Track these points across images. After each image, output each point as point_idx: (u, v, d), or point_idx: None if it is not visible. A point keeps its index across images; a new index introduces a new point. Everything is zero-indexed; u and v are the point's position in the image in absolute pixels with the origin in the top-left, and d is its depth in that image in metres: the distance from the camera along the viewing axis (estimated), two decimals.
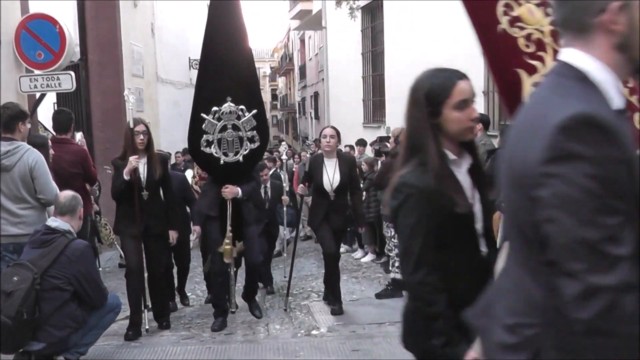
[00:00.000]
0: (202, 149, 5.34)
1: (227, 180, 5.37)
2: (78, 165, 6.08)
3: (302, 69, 33.38)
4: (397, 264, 6.91)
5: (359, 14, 13.36)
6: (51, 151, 5.70)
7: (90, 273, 4.31)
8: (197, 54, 21.32)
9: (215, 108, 5.30)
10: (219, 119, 5.32)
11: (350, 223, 6.61)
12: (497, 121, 7.84)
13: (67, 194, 4.45)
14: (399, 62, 10.73)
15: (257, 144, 5.44)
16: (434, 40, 9.07)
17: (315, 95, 26.82)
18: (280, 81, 51.15)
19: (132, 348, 5.01)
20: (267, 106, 60.81)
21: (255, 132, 5.40)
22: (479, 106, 7.86)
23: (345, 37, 15.23)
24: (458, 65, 7.19)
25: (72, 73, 7.52)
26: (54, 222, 4.32)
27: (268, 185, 7.61)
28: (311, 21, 21.64)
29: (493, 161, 6.15)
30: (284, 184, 7.63)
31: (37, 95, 7.74)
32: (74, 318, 4.21)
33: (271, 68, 53.45)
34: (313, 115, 27.96)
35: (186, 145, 8.45)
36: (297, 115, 38.53)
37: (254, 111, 5.40)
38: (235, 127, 5.36)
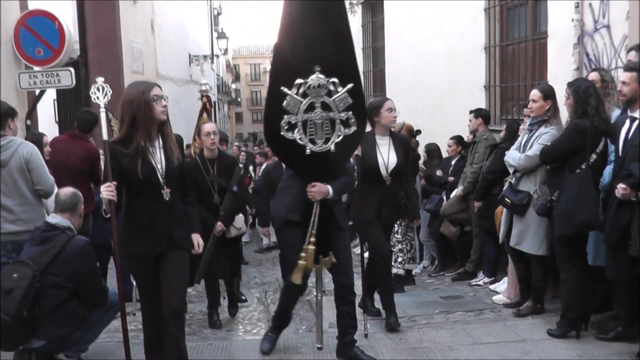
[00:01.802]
0: (282, 133, 3.96)
1: (314, 176, 4.13)
2: (87, 162, 6.20)
3: None
4: (399, 259, 6.90)
5: (359, 9, 13.29)
6: (47, 148, 5.72)
7: (91, 271, 4.30)
8: (196, 51, 21.27)
9: (299, 80, 3.92)
10: (304, 95, 3.95)
11: (405, 215, 5.62)
12: (498, 116, 7.80)
13: (68, 190, 4.44)
14: (399, 57, 10.68)
15: (352, 129, 4.04)
16: (434, 36, 9.03)
17: None
18: None
19: (133, 345, 4.97)
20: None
21: (350, 112, 4.02)
22: (480, 101, 7.82)
23: None
24: (458, 60, 7.25)
25: (72, 69, 7.50)
26: (54, 219, 4.30)
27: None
28: None
29: (496, 155, 6.15)
30: None
31: (37, 91, 7.72)
32: (74, 316, 4.20)
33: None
34: None
35: (189, 141, 8.43)
36: None
37: (350, 85, 3.97)
38: (326, 106, 3.99)
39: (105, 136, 3.71)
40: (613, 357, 4.26)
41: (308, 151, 4.01)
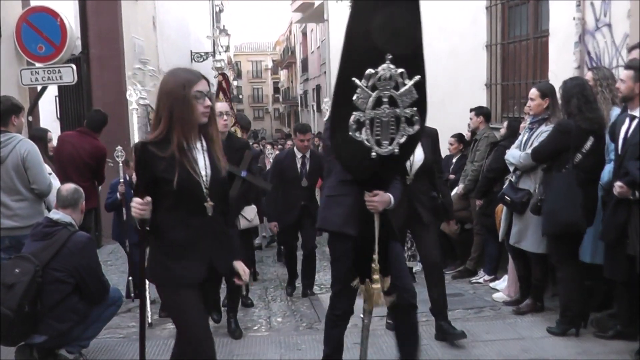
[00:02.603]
0: (350, 133, 3.28)
1: (376, 183, 3.51)
2: (94, 158, 6.30)
3: (304, 62, 33.33)
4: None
5: None
6: (51, 144, 5.74)
7: (92, 266, 4.31)
8: (198, 47, 21.23)
9: (370, 70, 3.27)
10: (373, 88, 3.30)
11: (444, 216, 5.17)
12: (499, 114, 7.80)
13: (70, 186, 4.45)
14: None
15: (416, 128, 3.42)
16: (436, 34, 9.03)
17: (318, 88, 26.78)
18: (282, 74, 51.13)
19: (134, 341, 5.01)
20: (269, 99, 60.94)
21: (415, 109, 3.40)
22: (481, 99, 7.83)
23: None
24: (460, 58, 7.23)
25: (73, 66, 7.52)
26: (55, 214, 4.32)
27: (307, 155, 6.65)
28: (313, 14, 21.58)
29: (496, 153, 6.15)
30: None
31: (39, 88, 7.74)
32: (75, 311, 4.22)
33: (273, 61, 53.35)
34: (315, 108, 27.90)
35: None
36: (299, 108, 38.47)
37: (417, 78, 3.37)
38: (392, 102, 3.35)
39: (135, 136, 3.54)
40: (612, 356, 4.27)
41: (374, 154, 3.34)
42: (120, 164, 6.67)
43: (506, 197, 5.22)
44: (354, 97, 3.25)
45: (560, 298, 4.84)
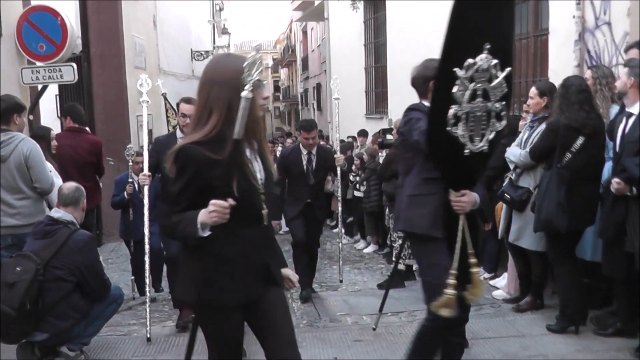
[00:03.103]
0: (448, 128, 3.02)
1: (465, 182, 3.27)
2: (94, 154, 6.26)
3: (305, 61, 33.30)
4: (400, 255, 6.92)
5: (361, 5, 13.31)
6: (54, 143, 5.75)
7: (93, 264, 4.32)
8: (199, 46, 21.21)
9: (469, 60, 3.02)
10: (470, 80, 3.04)
11: (482, 218, 4.78)
12: None
13: (71, 185, 4.47)
14: (401, 53, 10.69)
15: (503, 123, 3.19)
16: (436, 32, 9.04)
17: (318, 87, 26.76)
18: (283, 73, 51.07)
19: (135, 339, 5.03)
20: (270, 98, 60.83)
21: (504, 103, 3.18)
22: None
23: (347, 28, 15.18)
24: None
25: (74, 65, 7.53)
26: (56, 213, 4.33)
27: (313, 152, 6.33)
28: (313, 12, 21.55)
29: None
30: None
31: (39, 87, 7.75)
32: (76, 309, 4.23)
33: (273, 60, 53.30)
34: (315, 106, 27.90)
35: None
36: (300, 106, 38.44)
37: (508, 70, 3.12)
38: (485, 95, 3.11)
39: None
40: (612, 353, 4.28)
41: (467, 151, 3.09)
42: (130, 163, 6.64)
43: (506, 194, 5.23)
44: (455, 89, 3.00)
45: (559, 296, 4.86)
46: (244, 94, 2.31)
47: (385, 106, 13.43)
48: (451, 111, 2.99)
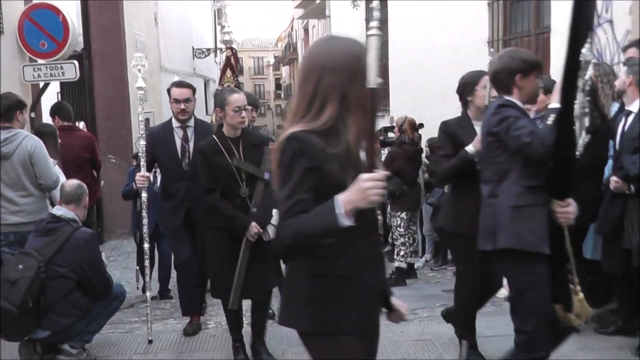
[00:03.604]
0: (572, 127, 2.87)
1: (569, 189, 2.95)
2: (88, 150, 6.25)
3: None
4: (402, 253, 6.93)
5: (362, 3, 13.29)
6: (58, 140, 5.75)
7: (95, 262, 4.33)
8: (200, 44, 21.19)
9: (586, 45, 3.02)
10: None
11: None
12: None
13: (73, 182, 4.47)
14: (403, 51, 10.69)
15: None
16: (438, 30, 9.04)
17: None
18: (284, 70, 51.08)
19: (137, 336, 5.04)
20: (271, 95, 60.88)
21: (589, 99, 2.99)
22: None
23: (349, 26, 15.16)
24: (462, 54, 7.24)
25: (76, 62, 7.54)
26: (58, 210, 4.34)
27: None
28: (315, 10, 21.54)
29: None
30: None
31: (41, 84, 7.76)
32: (78, 306, 4.24)
33: (275, 57, 53.31)
34: None
35: None
36: None
37: (593, 60, 2.96)
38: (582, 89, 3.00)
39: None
40: (613, 351, 4.28)
41: (577, 153, 2.87)
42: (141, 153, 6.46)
43: None
44: (580, 84, 2.78)
45: None
46: (372, 81, 1.94)
47: (387, 104, 13.42)
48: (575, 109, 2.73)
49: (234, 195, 4.16)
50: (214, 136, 4.24)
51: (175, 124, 4.89)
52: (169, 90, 5.02)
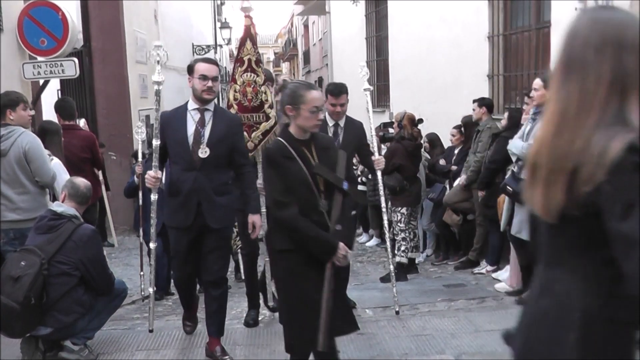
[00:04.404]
0: None
1: None
2: (87, 150, 6.25)
3: (306, 55, 33.24)
4: (402, 248, 6.93)
5: None
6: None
7: (97, 259, 4.33)
8: (200, 40, 21.16)
9: None
10: None
11: None
12: (501, 105, 7.81)
13: (87, 183, 4.52)
14: (403, 47, 10.68)
15: None
16: (438, 25, 9.02)
17: (320, 81, 26.70)
18: (284, 67, 50.99)
19: (138, 333, 5.05)
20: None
21: None
22: (484, 90, 7.83)
23: (349, 22, 15.14)
24: (462, 49, 7.23)
25: (76, 59, 7.53)
26: (59, 207, 4.34)
27: (341, 123, 5.20)
28: (315, 6, 21.50)
29: (498, 144, 6.15)
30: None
31: (41, 82, 7.75)
32: (81, 303, 4.24)
33: (275, 54, 53.24)
34: None
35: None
36: None
37: None
38: None
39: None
40: None
41: None
42: (140, 143, 6.26)
43: (508, 187, 5.23)
44: None
45: None
46: None
47: (387, 99, 13.41)
48: None
49: (310, 209, 3.37)
50: (280, 139, 3.48)
51: (192, 105, 4.25)
52: (191, 67, 4.24)
